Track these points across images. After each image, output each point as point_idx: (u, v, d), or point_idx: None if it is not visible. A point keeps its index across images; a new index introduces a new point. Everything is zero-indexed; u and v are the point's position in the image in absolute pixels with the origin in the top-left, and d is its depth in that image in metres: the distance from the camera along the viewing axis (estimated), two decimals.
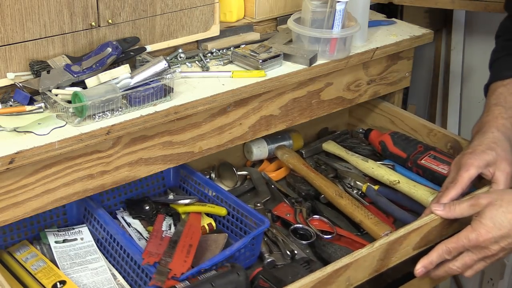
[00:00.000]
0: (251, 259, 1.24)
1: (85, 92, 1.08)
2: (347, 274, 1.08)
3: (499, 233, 1.08)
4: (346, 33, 1.35)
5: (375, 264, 1.12)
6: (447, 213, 1.14)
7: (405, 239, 1.14)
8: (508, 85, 1.29)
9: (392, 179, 1.39)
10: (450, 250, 1.12)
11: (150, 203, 1.33)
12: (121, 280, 1.18)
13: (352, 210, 1.32)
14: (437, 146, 1.47)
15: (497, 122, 1.23)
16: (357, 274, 1.10)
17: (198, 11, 1.30)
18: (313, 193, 1.42)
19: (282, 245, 1.27)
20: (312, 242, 1.28)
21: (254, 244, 1.22)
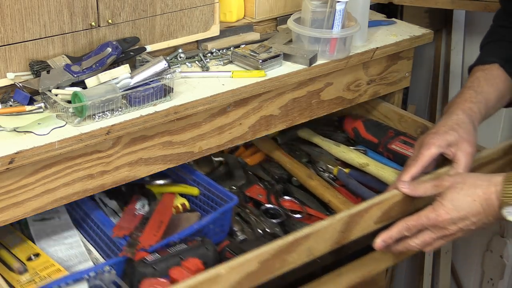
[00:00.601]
0: (221, 235, 1.28)
1: (85, 92, 1.08)
2: (308, 244, 1.10)
3: (457, 215, 1.11)
4: (346, 33, 1.35)
5: (336, 235, 1.13)
6: (411, 191, 1.17)
7: (366, 212, 1.16)
8: (486, 70, 1.33)
9: (362, 162, 1.44)
10: (410, 227, 1.15)
11: (126, 185, 1.32)
12: (95, 253, 1.21)
13: (322, 191, 1.40)
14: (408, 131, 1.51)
15: (464, 105, 1.28)
16: (318, 244, 1.12)
17: (198, 11, 1.30)
18: (286, 176, 1.49)
19: (254, 223, 1.32)
20: (283, 221, 1.34)
21: (224, 220, 1.27)
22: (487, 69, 1.33)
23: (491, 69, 1.33)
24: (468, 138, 1.22)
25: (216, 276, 0.99)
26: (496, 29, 1.41)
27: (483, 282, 2.06)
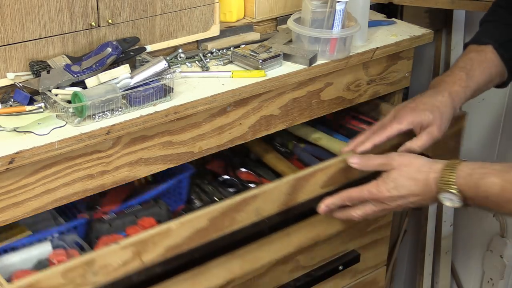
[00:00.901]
0: (178, 202, 1.36)
1: (85, 92, 1.08)
2: (255, 204, 1.16)
3: (397, 194, 1.17)
4: (346, 33, 1.35)
5: (283, 198, 1.20)
6: (360, 166, 1.22)
7: (312, 177, 1.23)
8: (482, 52, 1.35)
9: (315, 137, 1.52)
10: (353, 198, 1.21)
11: None
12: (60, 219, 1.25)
13: (277, 163, 1.49)
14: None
15: (453, 87, 1.30)
16: (265, 205, 1.18)
17: (198, 11, 1.30)
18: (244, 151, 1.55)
19: (211, 192, 1.39)
20: (238, 190, 1.40)
21: (180, 188, 1.35)
22: (482, 51, 1.34)
23: (485, 51, 1.34)
24: (441, 123, 1.26)
25: (167, 230, 1.07)
26: (496, 9, 1.43)
27: (483, 282, 2.06)
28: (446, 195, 1.12)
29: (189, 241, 1.11)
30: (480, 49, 1.35)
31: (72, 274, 1.00)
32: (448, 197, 1.12)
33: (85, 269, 1.01)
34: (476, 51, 1.35)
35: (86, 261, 1.01)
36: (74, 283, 1.00)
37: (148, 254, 1.07)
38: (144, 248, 1.06)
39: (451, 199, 1.12)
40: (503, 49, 1.34)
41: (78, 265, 1.00)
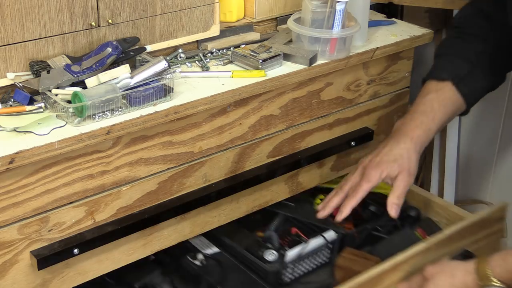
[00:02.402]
0: None
1: (85, 92, 1.08)
2: (203, 170, 1.27)
3: None
4: (346, 33, 1.35)
5: (230, 165, 1.31)
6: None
7: (257, 146, 1.34)
8: (440, 91, 1.36)
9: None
10: None
11: None
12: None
13: None
14: None
15: (414, 132, 1.33)
16: (213, 172, 1.29)
17: (198, 11, 1.30)
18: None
19: None
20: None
21: None
22: (441, 89, 1.36)
23: (444, 90, 1.36)
24: (409, 168, 1.30)
25: (118, 192, 1.16)
26: (452, 41, 1.43)
27: None
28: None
29: (140, 203, 1.20)
30: (439, 87, 1.36)
31: (28, 230, 1.08)
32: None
33: (40, 225, 1.09)
34: (435, 90, 1.36)
35: (41, 218, 1.09)
36: (29, 239, 1.09)
37: (100, 214, 1.16)
38: (96, 208, 1.15)
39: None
40: (462, 84, 1.36)
41: (33, 222, 1.08)
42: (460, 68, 1.37)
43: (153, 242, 1.26)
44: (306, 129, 1.42)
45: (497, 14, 1.37)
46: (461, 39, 1.41)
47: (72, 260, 1.14)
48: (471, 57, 1.38)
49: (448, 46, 1.44)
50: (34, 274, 1.12)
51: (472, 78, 1.37)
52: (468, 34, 1.40)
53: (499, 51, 1.38)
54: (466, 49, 1.39)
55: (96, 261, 1.19)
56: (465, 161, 2.04)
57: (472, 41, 1.39)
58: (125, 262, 1.24)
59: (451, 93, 1.36)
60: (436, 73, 1.39)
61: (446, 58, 1.41)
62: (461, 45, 1.40)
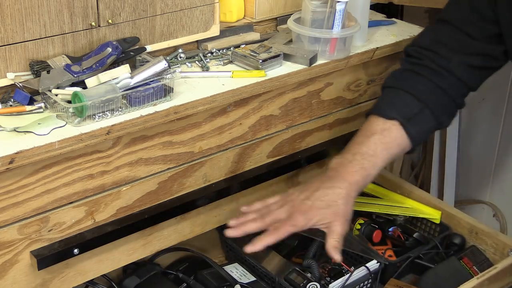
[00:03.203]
0: None
1: (85, 92, 1.08)
2: (203, 170, 1.27)
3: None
4: (346, 33, 1.35)
5: (230, 165, 1.31)
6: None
7: (257, 146, 1.34)
8: (386, 131, 1.27)
9: None
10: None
11: None
12: None
13: None
14: None
15: (353, 177, 1.24)
16: (213, 172, 1.29)
17: (198, 11, 1.30)
18: None
19: None
20: None
21: None
22: (386, 130, 1.27)
23: (390, 130, 1.27)
24: (344, 214, 1.22)
25: (118, 192, 1.16)
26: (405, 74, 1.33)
27: None
28: None
29: (140, 203, 1.20)
30: (385, 127, 1.27)
31: (28, 230, 1.08)
32: None
33: (40, 225, 1.09)
34: (380, 130, 1.27)
35: (41, 218, 1.08)
36: (29, 239, 1.09)
37: (100, 214, 1.15)
38: (96, 208, 1.15)
39: None
40: (410, 124, 1.27)
41: (33, 222, 1.08)
42: (410, 107, 1.28)
43: (153, 242, 1.26)
44: (306, 129, 1.42)
45: (471, 30, 1.29)
46: (413, 73, 1.32)
47: (72, 260, 1.15)
48: (423, 96, 1.29)
49: (398, 79, 1.33)
50: (34, 274, 1.12)
51: (422, 118, 1.28)
52: (422, 66, 1.31)
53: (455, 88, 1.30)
54: (418, 84, 1.30)
55: (96, 261, 1.19)
56: (465, 161, 2.04)
57: (426, 76, 1.30)
58: (125, 262, 1.24)
59: (397, 134, 1.27)
60: (383, 110, 1.30)
61: (395, 93, 1.31)
62: (413, 79, 1.31)
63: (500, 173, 1.99)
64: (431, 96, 1.29)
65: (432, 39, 1.34)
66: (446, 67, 1.30)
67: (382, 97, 1.35)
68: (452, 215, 1.44)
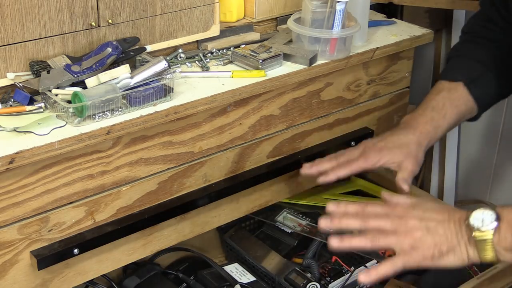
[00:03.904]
0: None
1: (85, 92, 1.08)
2: (203, 170, 1.27)
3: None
4: (346, 33, 1.35)
5: (230, 165, 1.31)
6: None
7: (257, 146, 1.34)
8: (453, 89, 1.34)
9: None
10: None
11: None
12: None
13: None
14: None
15: (424, 127, 1.30)
16: (213, 172, 1.29)
17: (198, 11, 1.30)
18: None
19: None
20: None
21: None
22: (453, 89, 1.34)
23: (456, 89, 1.34)
24: (416, 155, 1.27)
25: (118, 192, 1.16)
26: (464, 44, 1.42)
27: None
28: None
29: (140, 203, 1.20)
30: (451, 87, 1.34)
31: (28, 230, 1.08)
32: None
33: (40, 225, 1.09)
34: (447, 89, 1.34)
35: (41, 218, 1.08)
36: (29, 239, 1.09)
37: (100, 214, 1.15)
38: (96, 208, 1.15)
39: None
40: (473, 86, 1.34)
41: (33, 222, 1.08)
42: (473, 69, 1.35)
43: (153, 242, 1.26)
44: (306, 129, 1.42)
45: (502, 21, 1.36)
46: (473, 43, 1.39)
47: (72, 260, 1.15)
48: (484, 60, 1.36)
49: (460, 49, 1.42)
50: (34, 274, 1.12)
51: (484, 81, 1.35)
52: (480, 37, 1.38)
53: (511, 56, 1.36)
54: (480, 51, 1.37)
55: (96, 261, 1.19)
56: (465, 161, 2.04)
57: (485, 45, 1.37)
58: (125, 262, 1.24)
59: (463, 93, 1.34)
60: (449, 73, 1.37)
61: (458, 60, 1.39)
62: (474, 48, 1.38)
63: (500, 173, 1.99)
64: (492, 61, 1.35)
65: (484, 18, 1.41)
66: (501, 37, 1.36)
67: (446, 66, 1.42)
68: None
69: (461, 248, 1.04)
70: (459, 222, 1.06)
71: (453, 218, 1.07)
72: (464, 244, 1.05)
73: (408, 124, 1.32)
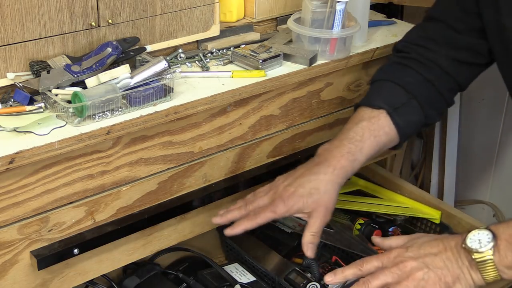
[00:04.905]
0: None
1: (85, 92, 1.08)
2: (203, 170, 1.27)
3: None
4: (346, 33, 1.35)
5: (230, 165, 1.31)
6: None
7: (257, 146, 1.34)
8: (373, 118, 1.26)
9: None
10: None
11: None
12: None
13: None
14: None
15: (339, 162, 1.22)
16: (213, 172, 1.29)
17: (198, 11, 1.30)
18: None
19: None
20: None
21: None
22: (374, 117, 1.27)
23: (377, 117, 1.27)
24: (326, 204, 1.19)
25: (118, 192, 1.16)
26: (393, 66, 1.35)
27: None
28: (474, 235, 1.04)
29: (140, 203, 1.20)
30: (373, 115, 1.27)
31: (28, 230, 1.08)
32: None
33: (40, 225, 1.09)
34: (368, 118, 1.26)
35: (41, 218, 1.08)
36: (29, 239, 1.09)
37: (100, 214, 1.15)
38: (97, 208, 1.15)
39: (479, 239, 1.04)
40: (396, 114, 1.27)
41: (33, 222, 1.08)
42: (397, 97, 1.29)
43: (153, 242, 1.26)
44: (306, 129, 1.42)
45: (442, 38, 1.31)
46: (402, 65, 1.32)
47: (72, 260, 1.15)
48: (410, 86, 1.29)
49: (386, 72, 1.34)
50: (34, 274, 1.12)
51: (408, 109, 1.28)
52: (411, 59, 1.32)
53: (442, 82, 1.31)
54: (406, 77, 1.30)
55: (96, 261, 1.19)
56: (465, 161, 2.04)
57: (414, 68, 1.31)
58: (125, 262, 1.24)
59: (385, 123, 1.27)
60: (371, 100, 1.30)
61: (383, 84, 1.32)
62: (402, 71, 1.32)
63: (500, 173, 1.99)
64: (418, 87, 1.30)
65: (420, 35, 1.36)
66: (434, 60, 1.30)
67: (371, 89, 1.35)
68: (452, 215, 1.43)
69: (465, 275, 1.05)
70: (456, 249, 1.06)
71: (449, 246, 1.07)
72: (466, 269, 1.05)
73: (322, 157, 1.24)
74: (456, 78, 1.32)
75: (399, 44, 1.38)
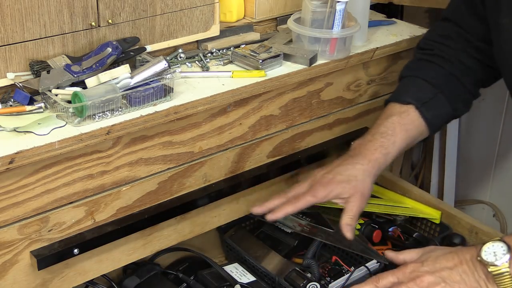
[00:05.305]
0: None
1: (85, 92, 1.08)
2: (203, 170, 1.27)
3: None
4: (346, 33, 1.35)
5: (230, 165, 1.31)
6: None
7: (257, 146, 1.34)
8: (403, 113, 1.32)
9: None
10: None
11: None
12: None
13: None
14: None
15: (374, 154, 1.28)
16: (213, 172, 1.29)
17: (198, 11, 1.30)
18: None
19: None
20: None
21: None
22: (404, 112, 1.32)
23: (407, 112, 1.32)
24: (363, 190, 1.25)
25: (118, 192, 1.16)
26: (419, 63, 1.39)
27: None
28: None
29: (140, 203, 1.20)
30: (402, 110, 1.32)
31: (28, 230, 1.08)
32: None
33: (40, 225, 1.09)
34: (398, 113, 1.32)
35: (41, 218, 1.08)
36: (29, 239, 1.09)
37: (100, 214, 1.16)
38: (97, 208, 1.15)
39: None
40: (425, 109, 1.32)
41: (33, 222, 1.08)
42: (425, 92, 1.33)
43: (153, 242, 1.26)
44: (306, 129, 1.42)
45: (459, 37, 1.35)
46: (427, 62, 1.37)
47: (72, 260, 1.15)
48: (436, 81, 1.33)
49: (412, 69, 1.39)
50: (34, 274, 1.12)
51: (435, 103, 1.33)
52: (435, 55, 1.36)
53: (466, 76, 1.34)
54: (432, 72, 1.35)
55: (96, 261, 1.19)
56: (465, 161, 2.04)
57: (438, 64, 1.35)
58: (125, 262, 1.24)
59: (414, 117, 1.32)
60: (399, 95, 1.35)
61: (410, 80, 1.37)
62: (427, 67, 1.36)
63: (500, 173, 1.99)
64: (444, 82, 1.34)
65: (439, 33, 1.39)
66: (455, 55, 1.35)
67: (399, 86, 1.40)
68: (452, 215, 1.43)
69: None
70: (471, 262, 1.07)
71: (464, 260, 1.08)
72: (483, 282, 1.05)
73: (357, 151, 1.29)
74: (477, 74, 1.36)
75: (421, 42, 1.42)
